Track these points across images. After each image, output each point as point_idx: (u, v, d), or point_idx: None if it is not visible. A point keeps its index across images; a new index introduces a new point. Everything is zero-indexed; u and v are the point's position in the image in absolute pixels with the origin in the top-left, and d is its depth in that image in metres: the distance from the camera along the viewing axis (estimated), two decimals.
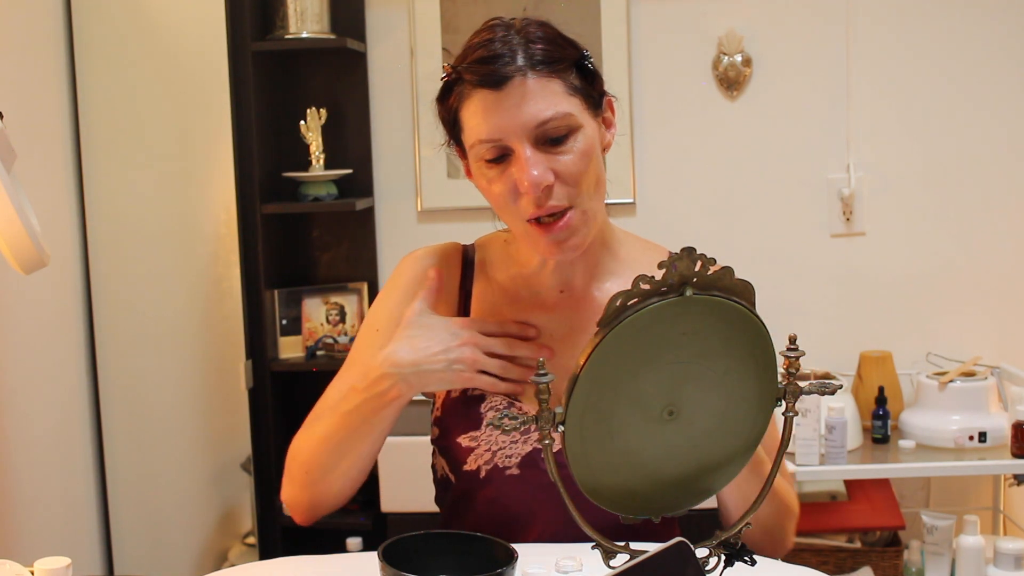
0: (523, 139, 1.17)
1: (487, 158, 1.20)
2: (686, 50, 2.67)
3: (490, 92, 1.17)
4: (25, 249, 1.28)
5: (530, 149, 1.17)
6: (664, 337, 0.90)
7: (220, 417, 2.60)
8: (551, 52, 1.19)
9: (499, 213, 1.25)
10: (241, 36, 2.45)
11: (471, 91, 1.19)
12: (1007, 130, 2.64)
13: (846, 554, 2.50)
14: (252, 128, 2.47)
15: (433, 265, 1.35)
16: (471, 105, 1.19)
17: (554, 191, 1.18)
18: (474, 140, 1.20)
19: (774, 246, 2.70)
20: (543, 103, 1.17)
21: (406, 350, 1.23)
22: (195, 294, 2.58)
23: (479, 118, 1.18)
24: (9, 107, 1.59)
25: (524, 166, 1.17)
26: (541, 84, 1.17)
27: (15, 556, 1.33)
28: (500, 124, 1.17)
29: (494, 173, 1.20)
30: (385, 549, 1.08)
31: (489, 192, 1.23)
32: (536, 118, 1.17)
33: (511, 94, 1.17)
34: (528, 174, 1.16)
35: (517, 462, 1.27)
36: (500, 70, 1.16)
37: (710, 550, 1.00)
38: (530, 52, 1.18)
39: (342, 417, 1.27)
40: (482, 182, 1.23)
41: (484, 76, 1.17)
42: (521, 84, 1.17)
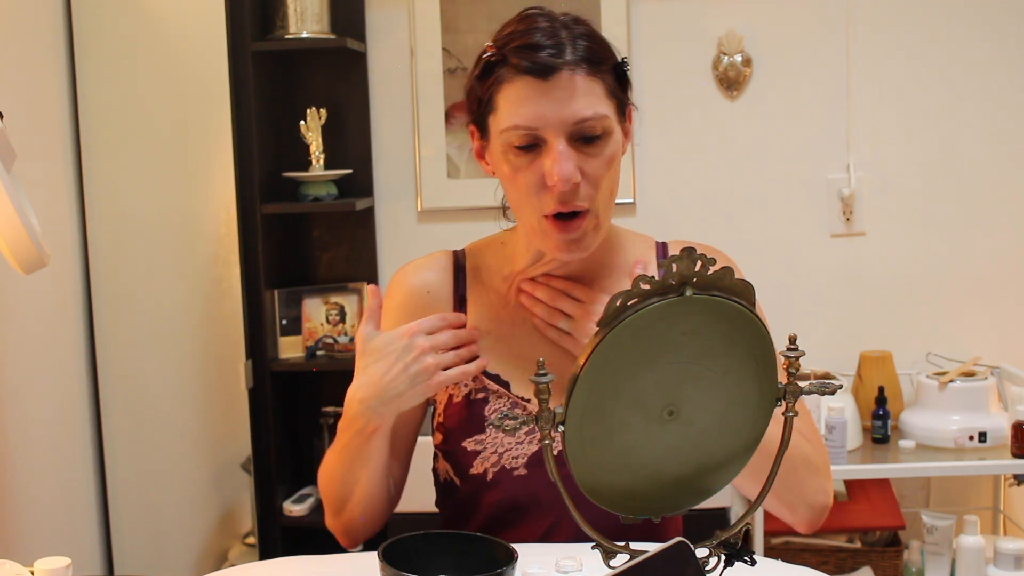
0: (560, 133, 1.16)
1: (517, 144, 1.18)
2: (686, 50, 2.67)
3: (535, 80, 1.16)
4: (25, 249, 1.28)
5: (564, 144, 1.16)
6: (664, 337, 0.90)
7: (220, 417, 2.60)
8: (597, 52, 1.19)
9: (515, 203, 1.24)
10: (241, 36, 2.45)
11: (514, 75, 1.17)
12: (1007, 130, 2.64)
13: (846, 554, 2.50)
14: (252, 128, 2.47)
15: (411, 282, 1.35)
16: (512, 89, 1.18)
17: (579, 191, 1.18)
18: (508, 124, 1.18)
19: (774, 246, 2.70)
20: (585, 101, 1.16)
21: (367, 383, 1.22)
22: (195, 294, 2.58)
23: (519, 104, 1.17)
24: (9, 107, 1.59)
25: (558, 160, 1.16)
26: (586, 82, 1.17)
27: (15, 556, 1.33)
28: (540, 114, 1.16)
29: (522, 162, 1.19)
30: (385, 549, 1.08)
31: (512, 180, 1.21)
32: (577, 115, 1.16)
33: (557, 86, 1.16)
34: (561, 169, 1.15)
35: (524, 462, 1.28)
36: (550, 60, 1.15)
37: (710, 550, 1.00)
38: (577, 48, 1.17)
39: (337, 454, 1.29)
40: (504, 168, 1.21)
41: (532, 63, 1.16)
42: (568, 79, 1.16)
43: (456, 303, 1.34)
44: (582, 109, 1.16)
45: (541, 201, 1.19)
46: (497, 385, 1.30)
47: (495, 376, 1.30)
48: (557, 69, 1.16)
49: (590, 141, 1.18)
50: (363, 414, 1.23)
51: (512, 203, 1.25)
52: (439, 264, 1.36)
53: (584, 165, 1.18)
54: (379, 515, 1.33)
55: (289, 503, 2.59)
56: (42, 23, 2.27)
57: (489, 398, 1.29)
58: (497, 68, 1.19)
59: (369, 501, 1.30)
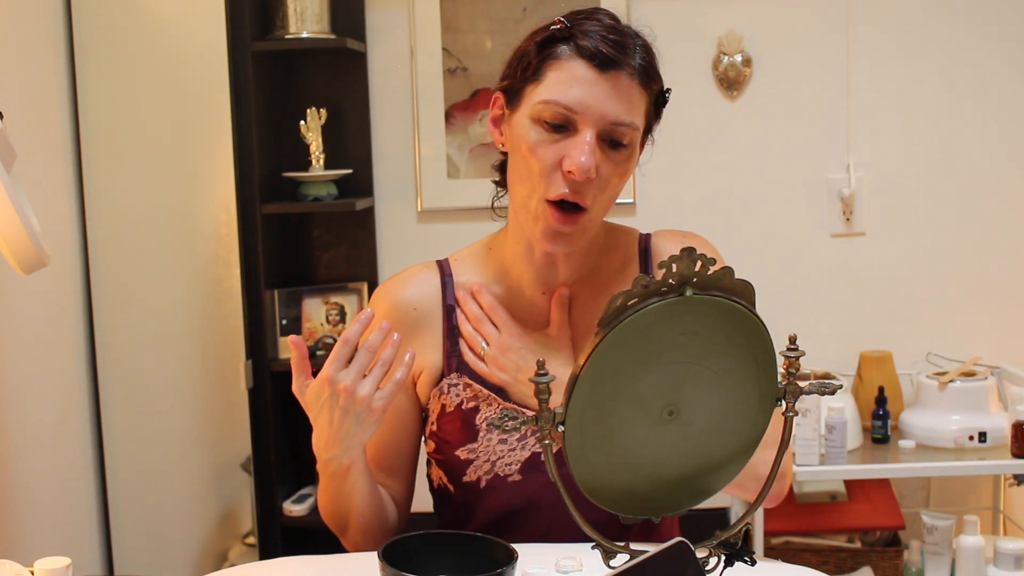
0: (594, 126, 1.17)
1: (549, 120, 1.18)
2: (686, 50, 2.67)
3: (593, 68, 1.17)
4: (25, 249, 1.28)
5: (592, 136, 1.17)
6: (664, 337, 0.90)
7: (220, 417, 2.60)
8: (652, 68, 1.22)
9: (520, 177, 1.22)
10: (241, 36, 2.45)
11: (575, 55, 1.18)
12: (1007, 130, 2.64)
13: (846, 554, 2.50)
14: (252, 128, 2.47)
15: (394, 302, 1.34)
16: (567, 67, 1.18)
17: (590, 188, 1.19)
18: (550, 97, 1.18)
19: (774, 246, 2.70)
20: (628, 106, 1.18)
21: (320, 434, 1.21)
22: (195, 294, 2.58)
23: (569, 83, 1.17)
24: (9, 107, 1.59)
25: (584, 149, 1.16)
26: (636, 90, 1.19)
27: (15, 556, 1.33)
28: (585, 100, 1.17)
29: (546, 138, 1.19)
30: (385, 549, 1.08)
31: (530, 153, 1.20)
32: (617, 116, 1.18)
33: (610, 82, 1.17)
34: (585, 156, 1.16)
35: (518, 468, 1.27)
36: (615, 55, 1.17)
37: (710, 550, 1.00)
38: (638, 56, 1.20)
39: (323, 492, 1.29)
40: (526, 138, 1.20)
41: (598, 51, 1.17)
42: (625, 80, 1.18)
43: (446, 314, 1.33)
44: (623, 113, 1.18)
45: (549, 182, 1.19)
46: (488, 392, 1.29)
47: (488, 385, 1.30)
48: (618, 66, 1.17)
49: (615, 146, 1.19)
50: (330, 461, 1.22)
51: (514, 176, 1.24)
52: (422, 278, 1.35)
53: (602, 166, 1.19)
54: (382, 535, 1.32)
55: (289, 503, 2.59)
56: (42, 23, 2.26)
57: (480, 406, 1.29)
58: (560, 42, 1.19)
59: (366, 527, 1.30)
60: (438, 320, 1.33)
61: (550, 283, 1.32)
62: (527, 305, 1.33)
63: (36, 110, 2.23)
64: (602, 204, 1.22)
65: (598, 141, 1.18)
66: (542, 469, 1.26)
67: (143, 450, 2.46)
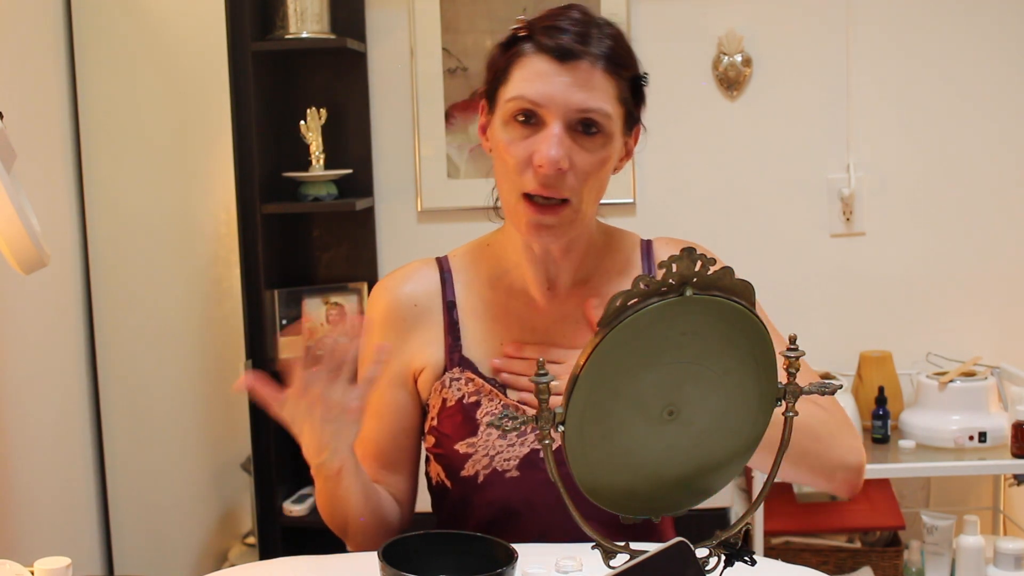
0: (560, 117, 1.18)
1: (517, 116, 1.20)
2: (686, 50, 2.67)
3: (553, 61, 1.18)
4: (25, 249, 1.28)
5: (560, 128, 1.18)
6: (664, 337, 0.90)
7: (220, 417, 2.60)
8: (620, 55, 1.21)
9: (499, 176, 1.25)
10: (241, 36, 2.45)
11: (534, 52, 1.20)
12: (1007, 130, 2.64)
13: (846, 554, 2.50)
14: (252, 128, 2.47)
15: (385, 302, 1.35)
16: (528, 64, 1.20)
17: (564, 180, 1.19)
18: (516, 94, 1.20)
19: (774, 246, 2.70)
20: (593, 94, 1.18)
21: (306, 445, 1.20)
22: (195, 294, 2.58)
23: (531, 79, 1.19)
24: (9, 107, 1.59)
25: (550, 141, 1.17)
26: (600, 77, 1.19)
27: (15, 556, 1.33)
28: (548, 93, 1.18)
29: (517, 134, 1.20)
30: (385, 549, 1.08)
31: (504, 151, 1.21)
32: (581, 104, 1.18)
33: (571, 72, 1.18)
34: (550, 150, 1.17)
35: (516, 464, 1.28)
36: (573, 45, 1.18)
37: (710, 550, 1.00)
38: (602, 45, 1.19)
39: (319, 496, 1.30)
40: (501, 139, 1.22)
41: (556, 44, 1.18)
42: (585, 69, 1.18)
43: (446, 310, 1.34)
44: (588, 100, 1.18)
45: (523, 178, 1.20)
46: (491, 386, 1.30)
47: (491, 379, 1.31)
48: (577, 56, 1.18)
49: (588, 135, 1.19)
50: (320, 466, 1.22)
51: (497, 176, 1.26)
52: (421, 274, 1.36)
53: (576, 156, 1.19)
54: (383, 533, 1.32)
55: (289, 503, 2.59)
56: (42, 23, 2.26)
57: (482, 401, 1.29)
58: (521, 42, 1.21)
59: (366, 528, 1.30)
60: (439, 316, 1.34)
61: (551, 282, 1.32)
62: (526, 303, 1.33)
63: (36, 110, 2.23)
64: (589, 195, 1.23)
65: (569, 132, 1.18)
66: (540, 467, 1.26)
67: (143, 450, 2.46)
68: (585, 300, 1.32)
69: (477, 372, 1.31)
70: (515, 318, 1.33)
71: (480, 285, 1.35)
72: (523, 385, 1.28)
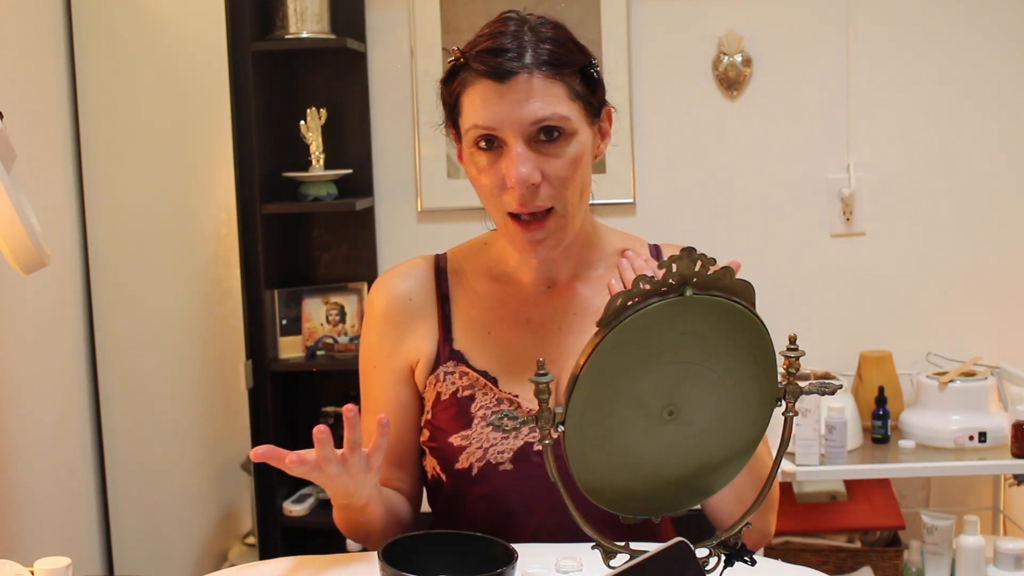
0: (517, 134, 1.19)
1: (479, 144, 1.22)
2: (686, 50, 2.67)
3: (493, 83, 1.19)
4: (25, 249, 1.28)
5: (522, 145, 1.19)
6: (664, 337, 0.90)
7: (220, 417, 2.60)
8: (559, 55, 1.21)
9: (484, 202, 1.27)
10: (241, 36, 2.45)
11: (475, 79, 1.20)
12: (1007, 130, 2.64)
13: (846, 554, 2.50)
14: (252, 128, 2.47)
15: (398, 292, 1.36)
16: (473, 92, 1.21)
17: (540, 191, 1.20)
18: (470, 125, 1.21)
19: (774, 246, 2.70)
20: (542, 103, 1.18)
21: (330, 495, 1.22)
22: (195, 294, 2.58)
23: (478, 106, 1.20)
24: (9, 107, 1.59)
25: (514, 161, 1.19)
26: (544, 84, 1.19)
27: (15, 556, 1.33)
28: (497, 115, 1.19)
29: (484, 162, 1.22)
30: (385, 549, 1.08)
31: (477, 180, 1.25)
32: (533, 116, 1.18)
33: (513, 89, 1.18)
34: (516, 170, 1.18)
35: (510, 457, 1.28)
36: (506, 64, 1.18)
37: (710, 550, 1.00)
38: (538, 51, 1.19)
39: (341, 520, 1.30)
40: (472, 169, 1.26)
41: (490, 67, 1.18)
42: (525, 81, 1.18)
43: (440, 303, 1.36)
44: (539, 110, 1.18)
45: (502, 201, 1.22)
46: (486, 380, 1.31)
47: (483, 372, 1.31)
48: (514, 72, 1.18)
49: (551, 142, 1.20)
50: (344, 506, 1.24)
51: (482, 201, 1.28)
52: (418, 270, 1.38)
53: (545, 166, 1.20)
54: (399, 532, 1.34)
55: (289, 503, 2.59)
56: (42, 23, 2.27)
57: (476, 395, 1.30)
58: (461, 72, 1.22)
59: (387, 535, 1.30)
60: (433, 310, 1.36)
61: (551, 280, 1.34)
62: (525, 298, 1.34)
63: (36, 110, 2.23)
64: (573, 196, 1.23)
65: (531, 145, 1.19)
66: (533, 460, 1.27)
67: (143, 450, 2.46)
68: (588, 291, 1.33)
69: (469, 365, 1.32)
70: (510, 310, 1.34)
71: (475, 279, 1.37)
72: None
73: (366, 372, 1.38)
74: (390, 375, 1.35)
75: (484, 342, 1.33)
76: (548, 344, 1.32)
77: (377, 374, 1.36)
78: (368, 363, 1.37)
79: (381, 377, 1.36)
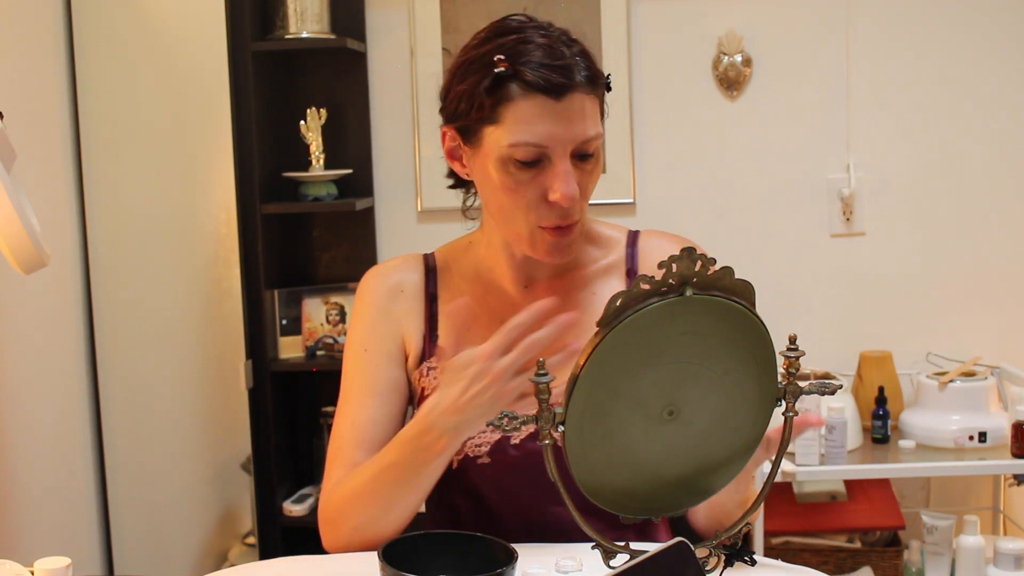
0: (566, 153, 1.19)
1: (522, 159, 1.20)
2: (686, 50, 2.67)
3: (549, 100, 1.18)
4: (25, 249, 1.28)
5: (568, 163, 1.20)
6: (664, 337, 0.90)
7: (220, 417, 2.60)
8: (595, 71, 1.23)
9: (506, 211, 1.24)
10: (241, 36, 2.45)
11: (527, 92, 1.18)
12: (1007, 130, 2.64)
13: (846, 554, 2.50)
14: (252, 128, 2.47)
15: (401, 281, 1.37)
16: (524, 105, 1.18)
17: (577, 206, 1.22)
18: (517, 140, 1.19)
19: (774, 246, 2.70)
20: (590, 121, 1.20)
21: (443, 402, 1.15)
22: (195, 294, 2.58)
23: (531, 122, 1.18)
24: (9, 107, 1.59)
25: (565, 180, 1.19)
26: (590, 102, 1.21)
27: (15, 556, 1.33)
28: (552, 133, 1.18)
29: (525, 176, 1.21)
30: (385, 549, 1.08)
31: (512, 192, 1.22)
32: (584, 135, 1.19)
33: (569, 107, 1.18)
34: (567, 188, 1.19)
35: (487, 450, 1.28)
36: (563, 81, 1.18)
37: (710, 550, 1.00)
38: (580, 68, 1.20)
39: (385, 470, 1.21)
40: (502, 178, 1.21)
41: (548, 83, 1.17)
42: (579, 100, 1.19)
43: (427, 300, 1.37)
44: (587, 130, 1.20)
45: (539, 214, 1.22)
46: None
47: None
48: (571, 90, 1.18)
49: (586, 159, 1.22)
50: (436, 427, 1.16)
51: (500, 210, 1.26)
52: (409, 265, 1.40)
53: (581, 181, 1.22)
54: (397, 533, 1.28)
55: (289, 503, 2.59)
56: (42, 23, 2.26)
57: None
58: (509, 81, 1.19)
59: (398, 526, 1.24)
60: (420, 304, 1.37)
61: (529, 280, 1.35)
62: (502, 298, 1.36)
63: (36, 110, 2.23)
64: (586, 206, 1.27)
65: (571, 161, 1.21)
66: (510, 453, 1.27)
67: (143, 450, 2.46)
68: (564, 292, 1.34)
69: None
70: (488, 310, 1.35)
71: (460, 280, 1.38)
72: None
73: (355, 356, 1.35)
74: (384, 356, 1.34)
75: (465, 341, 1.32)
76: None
77: (368, 357, 1.34)
78: (358, 346, 1.35)
79: (374, 358, 1.34)
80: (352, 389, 1.34)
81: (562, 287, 1.35)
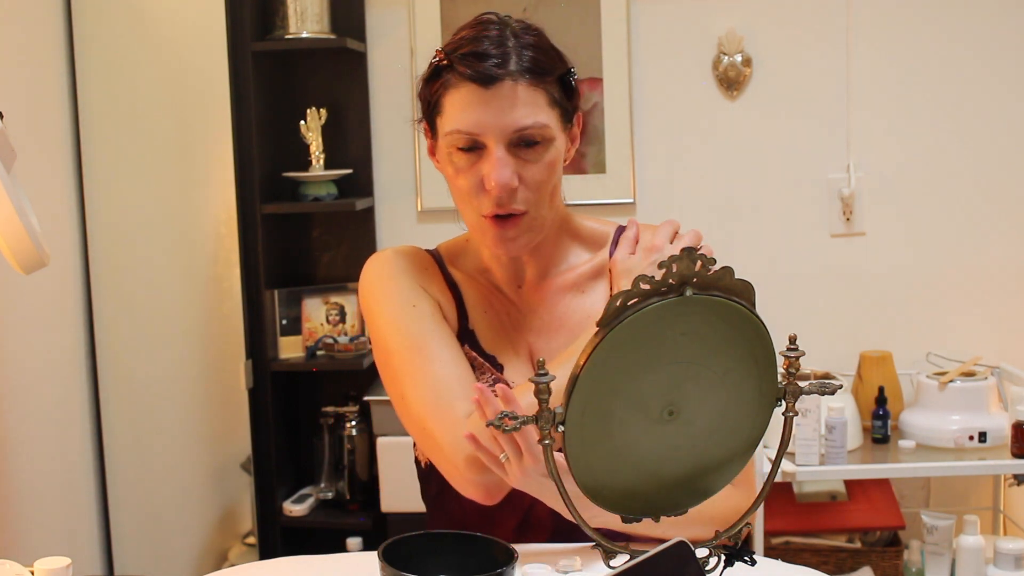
0: (499, 140, 1.21)
1: (459, 147, 1.23)
2: (686, 50, 2.67)
3: (478, 88, 1.20)
4: (25, 249, 1.28)
5: (503, 150, 1.21)
6: (664, 337, 0.90)
7: (220, 417, 2.60)
8: (541, 62, 1.23)
9: (458, 203, 1.29)
10: (241, 36, 2.45)
11: (459, 81, 1.22)
12: (1007, 130, 2.64)
13: (846, 554, 2.50)
14: (252, 128, 2.47)
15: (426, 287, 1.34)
16: (456, 95, 1.22)
17: (517, 195, 1.23)
18: (451, 128, 1.23)
19: (774, 246, 2.70)
20: (525, 111, 1.21)
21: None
22: (195, 294, 2.58)
23: (462, 109, 1.21)
24: (9, 107, 1.59)
25: (495, 166, 1.21)
26: (527, 92, 1.21)
27: (15, 556, 1.33)
28: (481, 120, 1.20)
29: (463, 163, 1.24)
30: (385, 549, 1.08)
31: (453, 181, 1.26)
32: (516, 124, 1.21)
33: (498, 95, 1.20)
34: (498, 175, 1.20)
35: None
36: (492, 70, 1.20)
37: (710, 550, 1.00)
38: (522, 58, 1.22)
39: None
40: (448, 169, 1.27)
41: (476, 72, 1.20)
42: (510, 88, 1.20)
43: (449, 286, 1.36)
44: (522, 118, 1.21)
45: (480, 202, 1.24)
46: (483, 360, 1.32)
47: (489, 356, 1.33)
48: (499, 79, 1.20)
49: (530, 147, 1.22)
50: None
51: (455, 201, 1.29)
52: (421, 251, 1.40)
53: (523, 171, 1.22)
54: None
55: (289, 503, 2.59)
56: (42, 23, 2.26)
57: (475, 376, 1.31)
58: (444, 73, 1.24)
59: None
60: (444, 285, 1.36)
61: (519, 278, 1.36)
62: (500, 298, 1.37)
63: (36, 110, 2.23)
64: (543, 200, 1.26)
65: (511, 149, 1.21)
66: None
67: (143, 450, 2.46)
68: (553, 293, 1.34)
69: (474, 346, 1.33)
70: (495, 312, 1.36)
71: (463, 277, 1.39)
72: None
73: (402, 315, 1.29)
74: (435, 309, 1.31)
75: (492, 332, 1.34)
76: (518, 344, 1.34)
77: (418, 311, 1.29)
78: (404, 305, 1.30)
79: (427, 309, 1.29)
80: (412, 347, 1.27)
81: (551, 288, 1.36)
